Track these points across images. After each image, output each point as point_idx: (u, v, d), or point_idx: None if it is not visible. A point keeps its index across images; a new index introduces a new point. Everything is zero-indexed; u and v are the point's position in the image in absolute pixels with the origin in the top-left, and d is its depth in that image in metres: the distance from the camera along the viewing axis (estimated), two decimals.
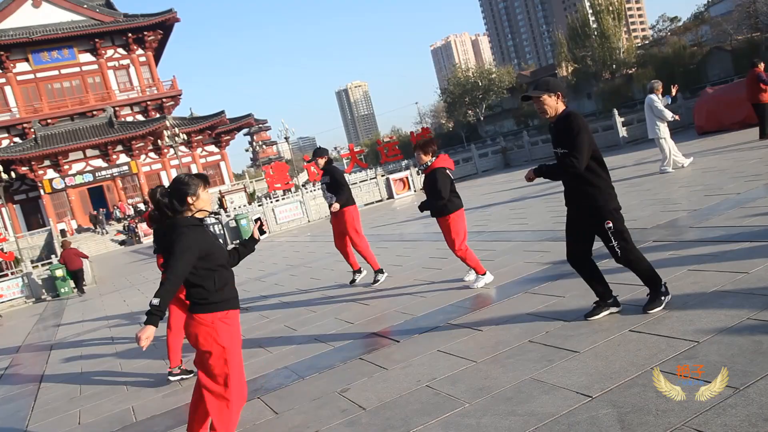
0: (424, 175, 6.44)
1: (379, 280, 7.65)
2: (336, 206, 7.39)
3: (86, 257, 18.42)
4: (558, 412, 3.15)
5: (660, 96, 11.37)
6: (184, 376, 5.57)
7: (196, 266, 3.23)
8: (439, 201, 6.13)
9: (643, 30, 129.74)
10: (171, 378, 5.58)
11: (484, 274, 6.28)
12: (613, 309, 4.38)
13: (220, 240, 3.75)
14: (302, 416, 3.99)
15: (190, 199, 3.39)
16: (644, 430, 2.79)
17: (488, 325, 4.90)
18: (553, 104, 4.15)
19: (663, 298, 4.26)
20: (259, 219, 3.80)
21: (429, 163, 6.25)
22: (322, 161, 7.72)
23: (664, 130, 11.29)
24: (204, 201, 3.42)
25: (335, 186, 7.57)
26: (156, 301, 3.07)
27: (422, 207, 6.37)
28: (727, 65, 48.96)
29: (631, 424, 2.87)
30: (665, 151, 11.29)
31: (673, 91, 11.40)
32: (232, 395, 3.27)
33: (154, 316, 3.07)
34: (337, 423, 3.73)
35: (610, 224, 4.12)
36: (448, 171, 6.28)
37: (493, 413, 3.33)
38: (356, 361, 4.84)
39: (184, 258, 3.18)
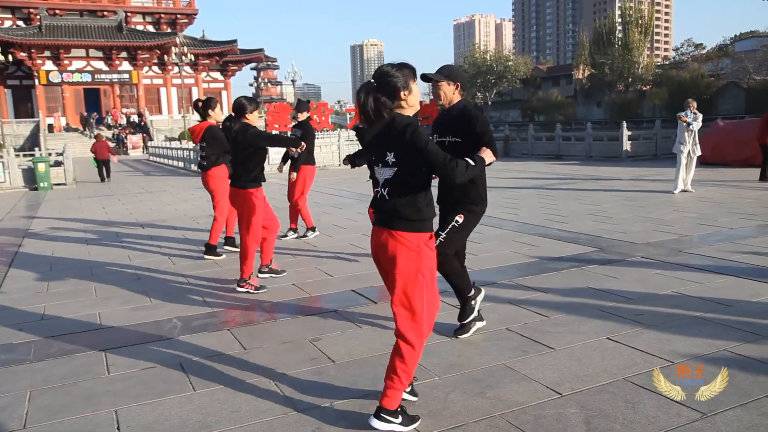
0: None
1: (307, 236, 8.12)
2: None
3: (114, 154, 20.59)
4: (526, 402, 3.17)
5: (689, 113, 11.25)
6: (272, 275, 5.88)
7: (421, 171, 2.79)
8: None
9: (665, 50, 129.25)
10: (259, 275, 5.82)
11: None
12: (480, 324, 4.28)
13: None
14: (270, 356, 3.97)
15: (402, 94, 2.80)
16: None
17: None
18: (449, 93, 4.04)
19: (474, 317, 4.24)
20: None
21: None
22: (304, 115, 7.97)
23: (683, 151, 11.31)
24: (416, 96, 2.84)
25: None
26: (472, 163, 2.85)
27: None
28: (739, 102, 48.94)
29: (596, 428, 2.89)
30: (680, 170, 11.38)
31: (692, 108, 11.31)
32: (423, 326, 2.84)
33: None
34: (305, 370, 3.72)
35: (461, 219, 4.02)
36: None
37: (461, 391, 3.34)
38: (331, 314, 4.82)
39: (432, 143, 2.76)
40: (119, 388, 3.58)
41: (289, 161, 8.09)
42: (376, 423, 2.88)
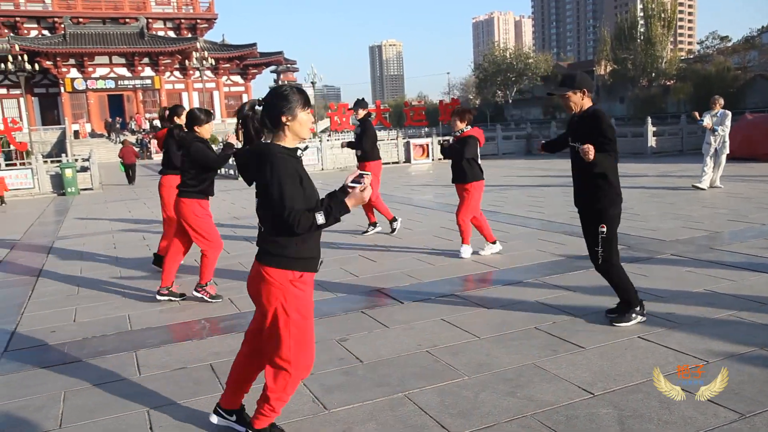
0: (453, 140, 6.74)
1: (395, 228, 8.33)
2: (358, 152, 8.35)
3: (138, 156, 22.16)
4: (557, 402, 3.13)
5: (711, 112, 11.22)
6: (171, 298, 5.56)
7: None
8: (460, 161, 6.49)
9: (689, 44, 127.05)
10: (158, 297, 5.59)
11: (469, 245, 6.71)
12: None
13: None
14: None
15: (284, 118, 2.65)
16: None
17: (495, 304, 4.87)
18: (579, 101, 4.13)
19: (635, 316, 4.20)
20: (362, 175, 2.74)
21: (464, 130, 6.54)
22: (363, 112, 8.36)
23: (710, 151, 11.28)
24: (302, 125, 2.68)
25: (361, 137, 8.27)
26: (321, 219, 2.55)
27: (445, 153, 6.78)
28: (767, 95, 47.95)
29: (631, 428, 2.84)
30: (706, 168, 11.23)
31: (696, 116, 11.63)
32: (292, 365, 2.71)
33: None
34: (334, 370, 3.72)
35: (604, 229, 4.10)
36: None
37: (491, 390, 3.31)
38: (358, 314, 4.82)
39: (290, 183, 2.56)
40: (151, 388, 3.61)
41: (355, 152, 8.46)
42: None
